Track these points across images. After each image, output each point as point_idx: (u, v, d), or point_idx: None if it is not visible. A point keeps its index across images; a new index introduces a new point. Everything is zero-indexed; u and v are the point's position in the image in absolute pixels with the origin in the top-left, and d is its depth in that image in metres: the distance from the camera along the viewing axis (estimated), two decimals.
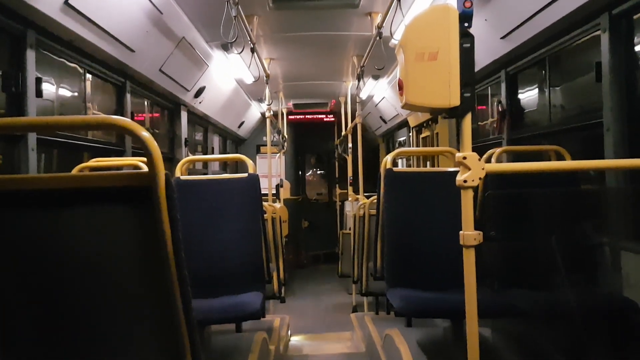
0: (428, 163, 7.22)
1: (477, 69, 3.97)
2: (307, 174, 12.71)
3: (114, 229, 1.35)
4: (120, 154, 4.33)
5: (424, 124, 7.24)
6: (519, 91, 4.29)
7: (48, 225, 1.35)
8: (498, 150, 3.33)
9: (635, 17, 2.78)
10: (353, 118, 7.31)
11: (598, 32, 2.93)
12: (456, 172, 1.75)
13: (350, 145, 8.36)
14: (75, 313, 1.39)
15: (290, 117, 10.76)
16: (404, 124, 8.32)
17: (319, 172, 12.84)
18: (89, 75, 3.86)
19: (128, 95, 4.43)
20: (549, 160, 3.32)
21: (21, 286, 1.37)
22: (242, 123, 9.58)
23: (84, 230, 1.35)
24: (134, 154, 4.37)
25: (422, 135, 7.47)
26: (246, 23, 4.08)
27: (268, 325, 4.48)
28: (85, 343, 1.41)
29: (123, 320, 1.41)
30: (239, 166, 9.53)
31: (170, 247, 1.29)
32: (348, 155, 8.57)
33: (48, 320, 1.39)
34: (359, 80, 6.04)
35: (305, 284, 9.46)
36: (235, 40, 3.83)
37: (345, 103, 8.50)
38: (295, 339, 5.70)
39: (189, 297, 1.34)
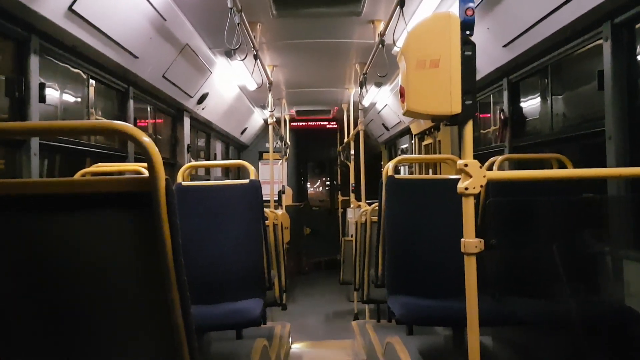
0: (430, 170, 7.22)
1: (479, 77, 3.99)
2: (309, 181, 12.72)
3: (114, 234, 1.36)
4: (123, 159, 4.34)
5: (427, 132, 7.25)
6: (521, 99, 4.29)
7: (48, 230, 1.36)
8: (500, 158, 3.32)
9: (637, 26, 2.78)
10: (355, 125, 7.31)
11: (600, 41, 2.93)
12: (458, 180, 1.74)
13: (352, 152, 8.37)
14: (73, 317, 1.39)
15: (293, 123, 10.78)
16: (407, 131, 8.33)
17: (321, 178, 12.85)
18: (92, 81, 3.87)
19: (131, 101, 4.44)
20: (551, 168, 3.31)
21: (20, 290, 1.37)
22: (244, 129, 9.60)
23: (84, 234, 1.36)
24: (137, 160, 4.38)
25: (425, 142, 7.46)
26: (249, 30, 4.10)
27: (269, 332, 4.47)
28: (84, 348, 1.41)
29: (121, 325, 1.41)
30: (241, 172, 9.55)
31: (169, 253, 1.29)
32: (350, 162, 8.58)
33: (46, 323, 1.39)
34: (361, 88, 6.05)
35: (307, 291, 9.44)
36: (238, 47, 3.84)
37: (348, 110, 8.51)
38: (296, 346, 5.68)
39: (188, 303, 1.34)
